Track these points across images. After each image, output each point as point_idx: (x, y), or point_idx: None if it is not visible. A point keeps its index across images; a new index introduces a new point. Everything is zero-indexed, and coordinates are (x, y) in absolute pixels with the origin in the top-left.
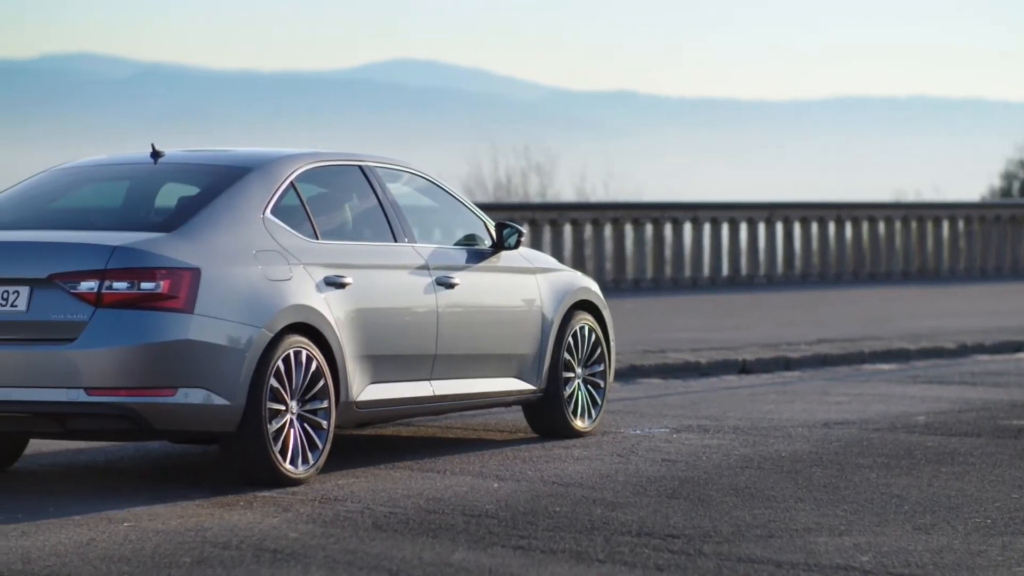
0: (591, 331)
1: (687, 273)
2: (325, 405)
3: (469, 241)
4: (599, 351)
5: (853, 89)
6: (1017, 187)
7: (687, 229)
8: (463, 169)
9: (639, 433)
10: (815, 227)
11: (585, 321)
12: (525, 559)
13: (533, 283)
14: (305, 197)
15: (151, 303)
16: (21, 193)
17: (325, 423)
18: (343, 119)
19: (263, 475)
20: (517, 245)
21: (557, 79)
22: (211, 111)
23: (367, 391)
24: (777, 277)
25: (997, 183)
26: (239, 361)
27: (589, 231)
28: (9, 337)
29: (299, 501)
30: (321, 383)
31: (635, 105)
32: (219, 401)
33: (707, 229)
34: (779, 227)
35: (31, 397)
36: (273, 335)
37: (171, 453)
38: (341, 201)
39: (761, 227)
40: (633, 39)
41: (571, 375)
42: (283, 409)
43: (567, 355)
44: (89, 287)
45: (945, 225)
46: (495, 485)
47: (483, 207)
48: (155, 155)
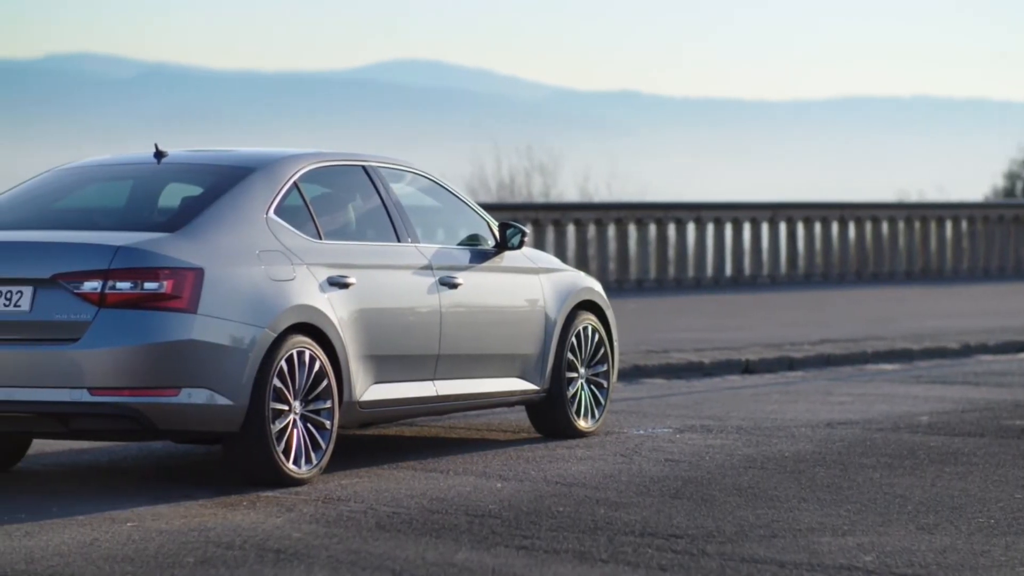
0: (594, 331)
1: (690, 273)
2: (328, 405)
3: (472, 241)
4: (602, 351)
5: (856, 89)
6: (1020, 187)
7: (690, 229)
8: (466, 169)
9: (642, 433)
10: (818, 227)
11: (588, 321)
12: (528, 559)
13: (536, 283)
14: (308, 197)
15: (155, 303)
16: (24, 193)
17: (328, 423)
18: (346, 119)
19: (266, 475)
20: (520, 245)
21: (560, 79)
22: (214, 111)
23: (370, 391)
24: (780, 277)
25: (1000, 183)
26: (242, 361)
27: (592, 231)
28: (12, 337)
29: (302, 501)
30: (324, 383)
31: (638, 105)
32: (222, 401)
33: (710, 229)
34: (782, 227)
35: (34, 397)
36: (276, 335)
37: (174, 453)
38: (344, 201)
39: (764, 227)
40: (636, 39)
41: (574, 375)
42: (286, 409)
43: (570, 355)
44: (93, 287)
45: (948, 225)
46: (498, 485)
47: (486, 207)
48: (158, 155)
